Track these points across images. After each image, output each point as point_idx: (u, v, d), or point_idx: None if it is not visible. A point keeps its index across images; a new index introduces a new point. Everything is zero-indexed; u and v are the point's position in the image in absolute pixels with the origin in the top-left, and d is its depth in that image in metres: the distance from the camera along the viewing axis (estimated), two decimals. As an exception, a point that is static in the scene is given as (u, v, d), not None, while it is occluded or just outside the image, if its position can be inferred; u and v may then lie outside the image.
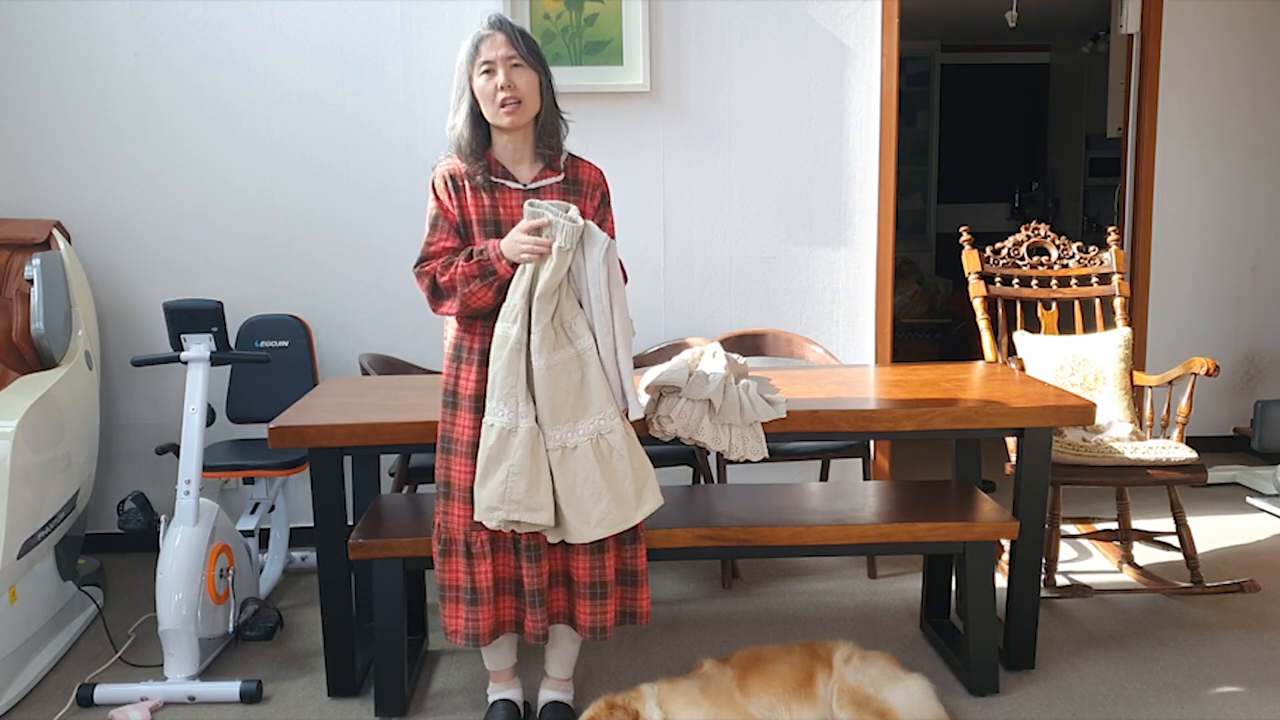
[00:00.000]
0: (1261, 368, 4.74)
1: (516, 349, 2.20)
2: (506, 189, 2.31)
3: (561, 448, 2.22)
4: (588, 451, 2.22)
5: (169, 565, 2.73)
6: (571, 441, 2.22)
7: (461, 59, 2.27)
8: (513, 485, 2.20)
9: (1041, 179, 7.96)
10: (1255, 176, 4.61)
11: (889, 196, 3.78)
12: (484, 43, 2.24)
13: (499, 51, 2.23)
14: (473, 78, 2.25)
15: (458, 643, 2.36)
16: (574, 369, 2.22)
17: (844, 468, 3.78)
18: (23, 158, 3.61)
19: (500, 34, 2.24)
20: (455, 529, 2.33)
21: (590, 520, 2.23)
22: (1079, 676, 2.75)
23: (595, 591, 2.36)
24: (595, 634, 2.38)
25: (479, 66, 2.23)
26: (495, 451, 2.22)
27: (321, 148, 3.67)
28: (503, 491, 2.20)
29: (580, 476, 2.22)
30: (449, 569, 2.35)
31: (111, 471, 3.72)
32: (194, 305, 2.84)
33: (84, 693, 2.67)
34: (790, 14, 3.71)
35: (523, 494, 2.20)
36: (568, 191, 2.35)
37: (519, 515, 2.21)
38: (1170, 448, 3.15)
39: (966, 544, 2.62)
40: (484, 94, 2.24)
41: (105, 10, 3.55)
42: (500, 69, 2.22)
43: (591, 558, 2.34)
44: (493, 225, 2.31)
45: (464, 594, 2.34)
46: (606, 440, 2.24)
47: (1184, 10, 4.44)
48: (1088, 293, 3.56)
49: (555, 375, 2.20)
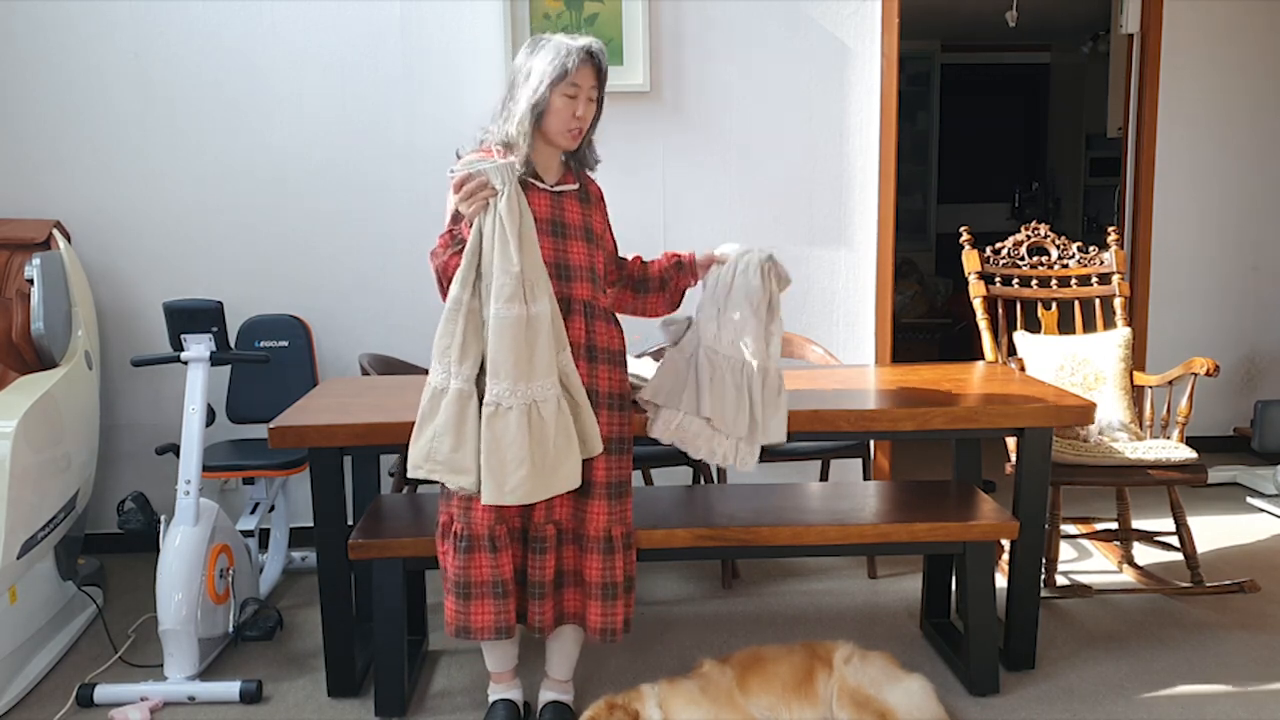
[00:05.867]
0: (1262, 368, 4.74)
1: (455, 308, 2.20)
2: (535, 188, 2.35)
3: (496, 404, 2.19)
4: (520, 415, 2.18)
5: (169, 565, 2.73)
6: (508, 402, 2.18)
7: (544, 68, 2.27)
8: (437, 445, 2.22)
9: (1041, 179, 7.96)
10: (1255, 176, 4.61)
11: (889, 196, 3.78)
12: (578, 69, 2.28)
13: (588, 83, 2.31)
14: (554, 93, 2.27)
15: (484, 638, 2.36)
16: (524, 329, 2.18)
17: (844, 468, 3.78)
18: (23, 158, 3.61)
19: (594, 68, 2.31)
20: (479, 524, 2.31)
21: (505, 486, 2.19)
22: (1079, 676, 2.75)
23: (607, 593, 2.36)
24: (606, 635, 2.38)
25: (565, 87, 2.27)
26: (427, 410, 2.24)
27: (321, 147, 3.67)
28: (428, 450, 2.23)
29: (506, 438, 2.18)
30: (474, 565, 2.32)
31: (111, 471, 3.72)
32: (194, 305, 2.84)
33: (84, 693, 2.67)
34: (790, 14, 3.71)
35: (446, 455, 2.21)
36: (583, 200, 2.41)
37: (440, 476, 2.23)
38: (1170, 448, 3.15)
39: (966, 544, 2.62)
40: (559, 114, 2.29)
41: (105, 10, 3.55)
42: (582, 98, 2.30)
43: (604, 558, 2.35)
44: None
45: (492, 588, 2.33)
46: (539, 409, 2.20)
47: (1184, 10, 4.44)
48: (1088, 293, 3.56)
49: (502, 328, 2.18)
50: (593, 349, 2.37)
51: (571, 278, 2.35)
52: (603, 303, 2.43)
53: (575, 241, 2.37)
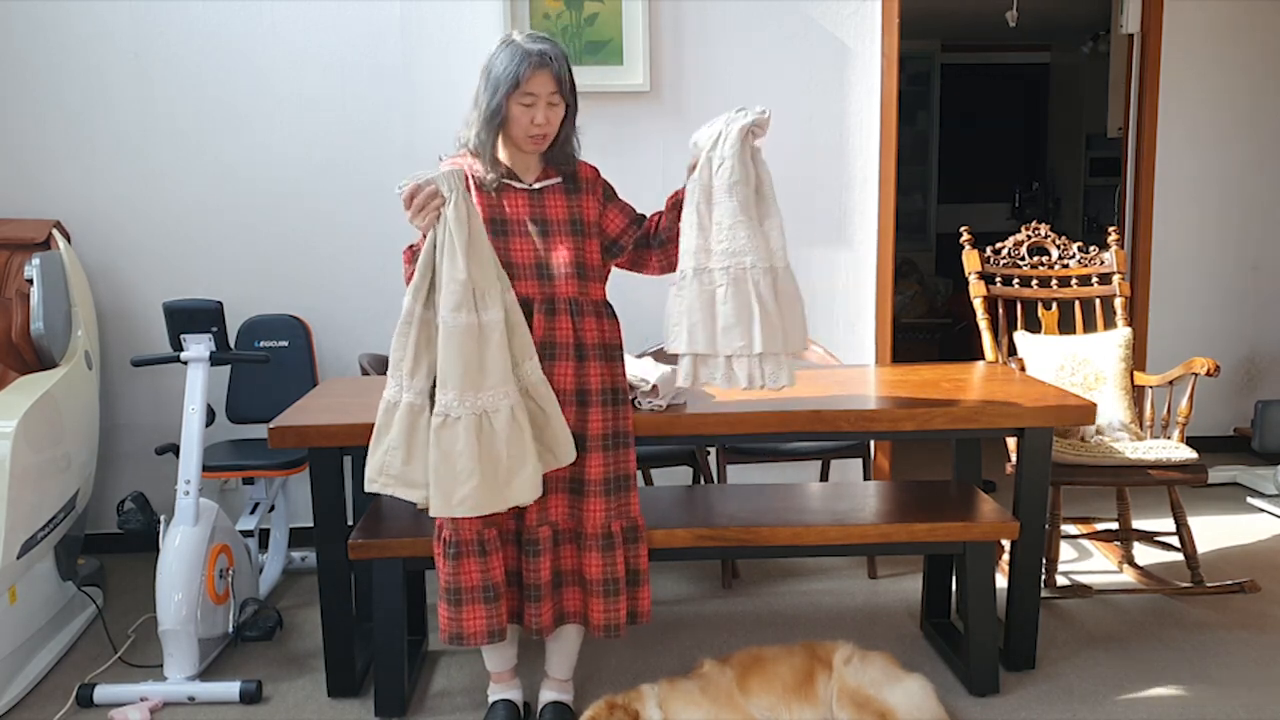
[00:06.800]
0: (1262, 368, 4.73)
1: (406, 321, 2.20)
2: (512, 189, 2.34)
3: (445, 414, 2.17)
4: (469, 426, 2.16)
5: (169, 565, 2.73)
6: (456, 412, 2.16)
7: (499, 74, 2.24)
8: (390, 459, 2.23)
9: (1041, 179, 7.96)
10: (1256, 176, 4.61)
11: (889, 196, 3.78)
12: (531, 76, 2.23)
13: (545, 89, 2.25)
14: (509, 101, 2.24)
15: (478, 644, 2.35)
16: (472, 337, 2.16)
17: (844, 468, 3.78)
18: (23, 158, 3.60)
19: (547, 73, 2.24)
20: (467, 529, 2.31)
21: (453, 498, 2.17)
22: (1079, 676, 2.75)
23: (609, 589, 2.36)
24: (609, 632, 2.38)
25: (520, 96, 2.24)
26: (381, 425, 2.25)
27: (321, 147, 3.67)
28: (381, 464, 2.24)
29: (455, 449, 2.16)
30: (464, 571, 2.32)
31: (111, 471, 3.72)
32: (194, 305, 2.84)
33: (84, 693, 2.67)
34: (790, 14, 3.71)
35: (399, 469, 2.22)
36: (570, 191, 2.38)
37: (394, 490, 2.23)
38: (1170, 448, 3.15)
39: (967, 544, 2.62)
40: (518, 122, 2.26)
41: (106, 10, 3.55)
42: (540, 105, 2.26)
43: (604, 555, 2.35)
44: (500, 225, 2.33)
45: (482, 593, 2.33)
46: (490, 420, 2.18)
47: (1184, 10, 4.44)
48: (1088, 293, 3.56)
49: (450, 336, 2.16)
50: (581, 347, 2.35)
51: (554, 277, 2.34)
52: (595, 295, 2.40)
53: (560, 238, 2.35)
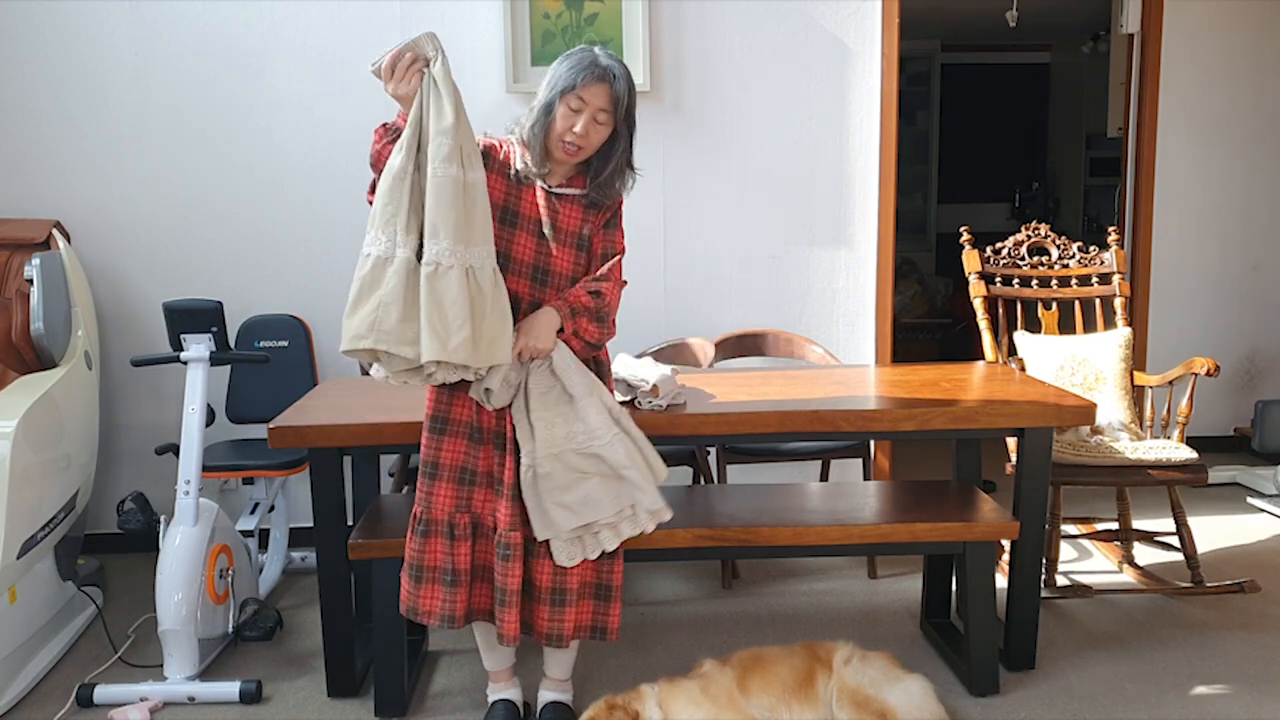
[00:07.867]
0: (1262, 368, 4.73)
1: (399, 176, 2.15)
2: (533, 186, 2.34)
3: (437, 264, 2.13)
4: (460, 276, 2.14)
5: (169, 565, 2.73)
6: (448, 261, 2.13)
7: (560, 72, 2.24)
8: (383, 315, 2.14)
9: (1041, 179, 7.96)
10: (1256, 176, 4.61)
11: (889, 196, 3.78)
12: (586, 84, 2.22)
13: (597, 102, 2.23)
14: (560, 101, 2.23)
15: (431, 624, 2.36)
16: (460, 190, 2.14)
17: (844, 468, 3.78)
18: (23, 158, 3.60)
19: (605, 86, 2.23)
20: (439, 509, 2.33)
21: (449, 343, 2.13)
22: (1079, 676, 2.75)
23: (555, 598, 2.34)
24: (551, 640, 2.38)
25: (571, 99, 2.23)
26: (369, 280, 2.16)
27: (321, 147, 3.67)
28: (373, 320, 2.15)
29: (449, 298, 2.13)
30: (429, 550, 2.34)
31: (111, 471, 3.72)
32: (194, 305, 2.84)
33: (84, 693, 2.67)
34: (790, 14, 3.71)
35: (394, 325, 2.14)
36: (587, 205, 2.37)
37: (387, 346, 2.15)
38: (1170, 448, 3.15)
39: (967, 544, 2.61)
40: (559, 123, 2.24)
41: (105, 10, 3.55)
42: (586, 116, 2.24)
43: (553, 563, 2.33)
44: (510, 215, 2.33)
45: (443, 575, 2.34)
46: (475, 276, 2.16)
47: (1184, 10, 4.44)
48: (1088, 293, 3.56)
49: (441, 187, 2.13)
50: None
51: (548, 283, 2.34)
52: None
53: (563, 247, 2.35)
